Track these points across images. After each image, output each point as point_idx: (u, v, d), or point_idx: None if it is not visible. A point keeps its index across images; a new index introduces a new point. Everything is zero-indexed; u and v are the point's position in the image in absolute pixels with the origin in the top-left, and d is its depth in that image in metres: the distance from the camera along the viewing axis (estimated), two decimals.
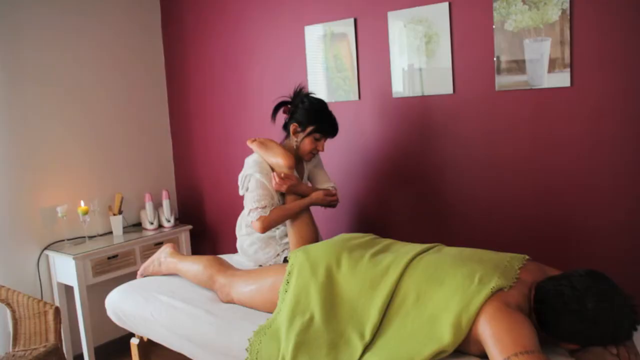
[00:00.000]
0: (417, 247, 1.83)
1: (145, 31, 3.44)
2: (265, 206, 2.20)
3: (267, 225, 2.19)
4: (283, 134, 2.41)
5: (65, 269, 2.87)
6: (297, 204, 2.24)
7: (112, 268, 2.99)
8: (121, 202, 3.18)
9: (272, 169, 2.27)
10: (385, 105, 2.66)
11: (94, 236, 3.14)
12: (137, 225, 3.40)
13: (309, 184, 2.48)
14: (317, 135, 2.32)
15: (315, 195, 2.31)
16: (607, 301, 1.41)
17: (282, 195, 2.29)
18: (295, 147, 2.34)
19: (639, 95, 2.04)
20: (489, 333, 1.41)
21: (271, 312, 1.85)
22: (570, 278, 1.48)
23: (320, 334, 1.62)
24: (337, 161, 2.80)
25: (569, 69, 2.14)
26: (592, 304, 1.40)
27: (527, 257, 1.72)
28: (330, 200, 2.37)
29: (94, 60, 3.17)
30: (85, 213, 2.96)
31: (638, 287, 2.07)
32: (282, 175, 2.21)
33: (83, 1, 3.09)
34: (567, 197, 2.24)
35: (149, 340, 2.22)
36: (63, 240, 3.01)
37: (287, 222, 2.26)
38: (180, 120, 3.55)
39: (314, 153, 2.37)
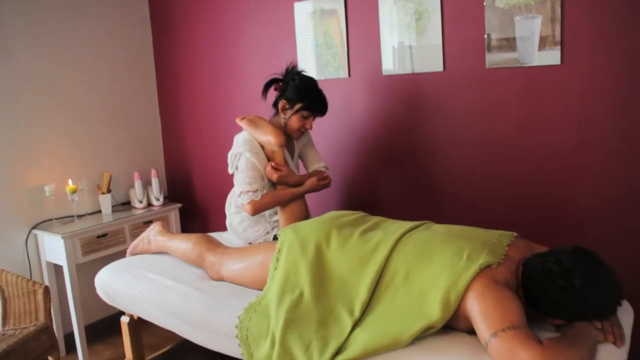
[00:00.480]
0: (407, 224, 1.84)
1: (133, 9, 3.39)
2: (257, 190, 2.19)
3: (258, 209, 2.19)
4: (273, 111, 2.40)
5: (54, 248, 2.86)
6: (290, 191, 2.24)
7: (102, 247, 2.98)
8: (110, 181, 3.16)
9: (262, 148, 2.26)
10: (375, 82, 2.64)
11: (83, 215, 3.12)
12: (126, 204, 3.38)
13: (298, 173, 2.46)
14: (305, 113, 2.30)
15: (309, 183, 2.30)
16: (593, 277, 1.43)
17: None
18: (283, 124, 2.33)
19: (629, 74, 2.05)
20: (477, 309, 1.42)
21: (261, 290, 1.86)
22: (558, 255, 1.49)
23: (310, 310, 1.63)
24: (327, 139, 2.79)
25: (559, 47, 2.13)
26: (579, 280, 1.42)
27: (515, 234, 1.74)
28: (323, 185, 2.36)
29: (82, 39, 3.12)
30: (74, 192, 2.94)
31: (625, 264, 2.10)
32: (274, 164, 2.20)
33: None
34: (556, 175, 2.26)
35: (139, 318, 2.22)
36: (51, 220, 2.99)
37: None
38: (169, 99, 3.51)
39: (302, 131, 2.36)
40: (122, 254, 2.58)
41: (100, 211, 3.18)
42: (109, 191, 3.17)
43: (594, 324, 1.45)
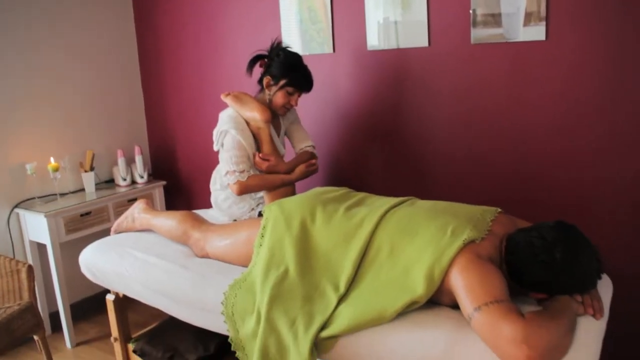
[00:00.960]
0: (391, 200, 1.84)
1: None
2: (243, 170, 2.18)
3: (244, 190, 2.19)
4: (258, 88, 2.37)
5: (37, 227, 2.83)
6: (280, 178, 2.23)
7: (85, 225, 2.96)
8: (92, 159, 3.13)
9: (248, 124, 2.24)
10: (360, 58, 2.63)
11: (66, 193, 3.09)
12: (110, 182, 3.35)
13: (284, 150, 2.44)
14: (290, 89, 2.28)
15: (298, 171, 2.30)
16: (574, 252, 1.45)
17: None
18: (268, 100, 2.31)
19: (614, 50, 2.05)
20: (460, 284, 1.44)
21: (246, 266, 1.86)
22: (540, 229, 1.51)
23: (295, 286, 1.63)
24: (311, 115, 2.77)
25: (544, 23, 2.13)
26: (560, 255, 1.44)
27: (499, 210, 1.75)
28: (312, 171, 2.37)
29: (62, 16, 3.05)
30: (56, 170, 2.90)
31: (606, 240, 2.13)
32: (261, 155, 2.19)
33: None
34: (540, 151, 2.27)
35: (125, 296, 2.22)
36: (34, 198, 2.96)
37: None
38: (152, 75, 3.46)
39: (287, 107, 2.34)
40: (106, 232, 2.57)
41: (83, 189, 3.15)
42: (92, 169, 3.13)
43: (575, 297, 1.48)
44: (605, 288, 1.63)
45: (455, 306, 1.51)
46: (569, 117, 2.18)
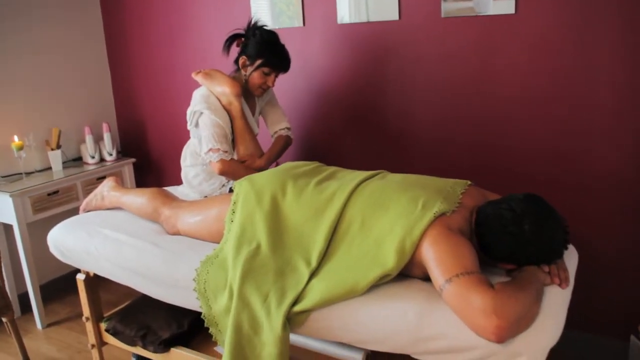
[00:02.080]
0: (362, 174, 1.84)
1: None
2: (227, 151, 2.16)
3: (227, 170, 2.18)
4: (235, 67, 2.34)
5: (2, 207, 2.76)
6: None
7: (53, 204, 2.90)
8: (59, 136, 3.05)
9: (220, 102, 2.21)
10: (330, 31, 2.60)
11: (32, 172, 3.02)
12: (78, 160, 3.29)
13: (258, 131, 2.42)
14: (266, 69, 2.25)
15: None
16: (542, 223, 1.47)
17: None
18: (244, 81, 2.28)
19: (581, 24, 2.07)
20: (431, 256, 1.45)
21: (218, 242, 1.85)
22: (509, 202, 1.53)
23: (267, 261, 1.63)
24: (282, 90, 2.75)
25: None
26: (529, 226, 1.46)
27: (469, 182, 1.76)
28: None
29: None
30: (20, 148, 2.83)
31: (572, 210, 2.17)
32: (238, 158, 2.22)
33: None
34: (508, 124, 2.29)
35: (96, 275, 2.19)
36: None
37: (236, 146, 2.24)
38: (119, 50, 3.38)
39: (263, 88, 2.31)
40: (74, 211, 2.52)
41: (50, 168, 3.08)
42: (58, 147, 3.06)
43: (542, 267, 1.51)
44: (571, 258, 1.67)
45: (426, 278, 1.53)
46: (537, 88, 2.20)
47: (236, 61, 2.31)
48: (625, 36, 2.01)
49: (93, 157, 3.19)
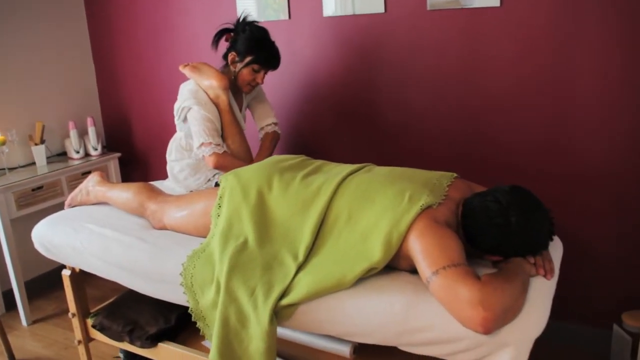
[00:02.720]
0: (348, 167, 1.84)
1: None
2: (220, 144, 2.15)
3: (221, 163, 2.16)
4: (223, 62, 2.32)
5: None
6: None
7: (38, 200, 2.87)
8: (42, 131, 3.02)
9: (208, 95, 2.20)
10: (316, 25, 2.59)
11: (15, 168, 2.98)
12: (62, 155, 3.25)
13: (245, 126, 2.41)
14: (256, 67, 2.24)
15: None
16: (528, 215, 1.48)
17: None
18: (233, 77, 2.26)
19: (565, 16, 2.08)
20: (418, 248, 1.45)
21: (204, 237, 1.84)
22: (495, 194, 1.53)
23: (254, 256, 1.63)
24: (269, 84, 2.73)
25: None
26: (515, 218, 1.47)
27: (455, 174, 1.77)
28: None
29: None
30: (3, 143, 2.79)
31: (559, 201, 2.19)
32: None
33: None
34: (496, 116, 2.30)
35: (81, 271, 2.17)
36: None
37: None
38: (103, 43, 3.34)
39: (252, 85, 2.30)
40: (59, 207, 2.50)
41: (34, 163, 3.05)
42: (42, 142, 3.03)
43: (528, 259, 1.52)
44: (556, 249, 1.68)
45: (413, 271, 1.53)
46: (524, 80, 2.21)
47: (225, 56, 2.29)
48: (613, 27, 2.02)
49: (78, 152, 3.16)
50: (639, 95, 2.04)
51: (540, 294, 1.43)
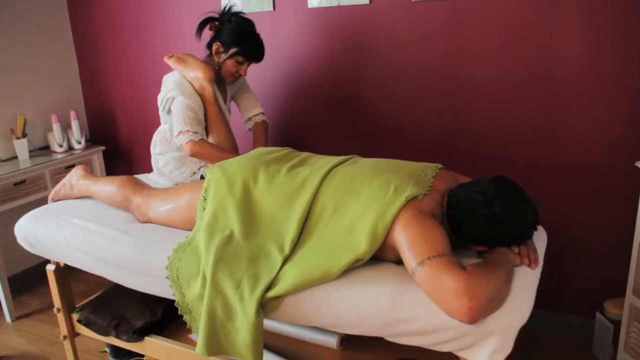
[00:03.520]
0: (334, 159, 1.84)
1: None
2: (197, 132, 2.13)
3: (197, 151, 2.14)
4: (207, 52, 2.30)
5: None
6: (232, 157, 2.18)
7: (20, 194, 2.84)
8: (24, 125, 2.98)
9: (193, 86, 2.18)
10: (301, 16, 2.58)
11: None
12: (45, 149, 3.22)
13: (230, 118, 2.39)
14: (240, 59, 2.22)
15: None
16: (513, 206, 1.49)
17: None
18: (216, 67, 2.25)
19: (551, 7, 2.09)
20: (403, 239, 1.46)
21: (190, 230, 1.83)
22: (480, 184, 1.54)
23: (240, 248, 1.62)
24: (254, 76, 2.72)
25: None
26: (500, 208, 1.48)
27: (440, 166, 1.77)
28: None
29: None
30: None
31: (543, 192, 2.21)
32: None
33: None
34: (482, 106, 2.31)
35: (66, 266, 2.15)
36: None
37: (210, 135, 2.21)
38: (85, 35, 3.30)
39: (235, 76, 2.28)
40: (43, 202, 2.47)
41: (16, 157, 3.01)
42: (24, 135, 2.99)
43: (512, 248, 1.53)
44: (540, 239, 1.70)
45: (399, 262, 1.54)
46: (510, 70, 2.22)
47: (209, 46, 2.27)
48: (600, 20, 2.03)
49: (61, 146, 3.13)
50: (626, 87, 2.06)
51: (525, 283, 1.44)
